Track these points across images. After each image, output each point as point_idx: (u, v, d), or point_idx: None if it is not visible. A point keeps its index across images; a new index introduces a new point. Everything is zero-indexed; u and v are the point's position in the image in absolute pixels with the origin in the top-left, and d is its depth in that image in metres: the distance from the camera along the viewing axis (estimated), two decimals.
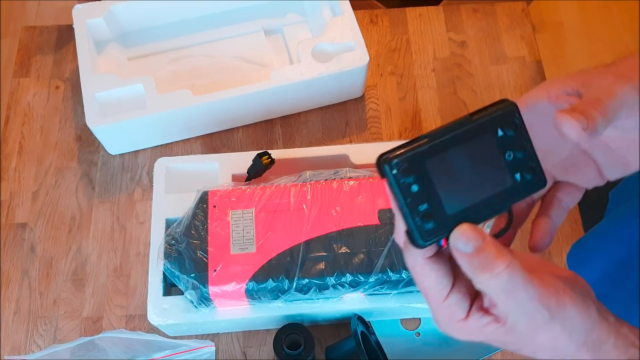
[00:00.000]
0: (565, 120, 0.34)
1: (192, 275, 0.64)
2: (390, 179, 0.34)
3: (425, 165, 0.34)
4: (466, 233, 0.34)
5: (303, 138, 0.89)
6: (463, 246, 0.34)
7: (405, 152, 0.34)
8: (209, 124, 0.87)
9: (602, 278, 0.76)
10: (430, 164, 0.34)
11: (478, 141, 0.35)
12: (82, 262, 0.80)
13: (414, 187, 0.34)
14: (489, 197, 0.35)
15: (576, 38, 1.92)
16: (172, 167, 0.77)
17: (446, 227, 0.35)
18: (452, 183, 0.35)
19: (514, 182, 0.36)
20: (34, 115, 0.91)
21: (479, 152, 0.35)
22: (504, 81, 0.93)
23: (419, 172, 0.34)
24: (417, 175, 0.34)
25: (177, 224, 0.68)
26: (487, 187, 0.35)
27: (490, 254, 0.33)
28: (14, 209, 0.84)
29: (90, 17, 0.87)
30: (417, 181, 0.34)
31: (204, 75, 0.90)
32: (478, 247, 0.34)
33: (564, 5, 1.94)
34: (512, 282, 0.33)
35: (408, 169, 0.34)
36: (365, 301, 0.68)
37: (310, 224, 0.66)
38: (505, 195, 0.36)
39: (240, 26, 0.93)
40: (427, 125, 0.89)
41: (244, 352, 0.75)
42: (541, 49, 0.96)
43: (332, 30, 0.86)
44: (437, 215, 0.34)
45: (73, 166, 0.87)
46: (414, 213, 0.34)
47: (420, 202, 0.34)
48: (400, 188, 0.34)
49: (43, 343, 0.76)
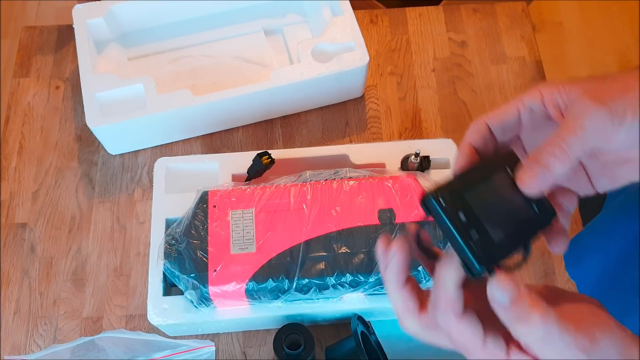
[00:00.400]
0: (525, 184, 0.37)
1: (192, 275, 0.64)
2: (440, 212, 0.36)
3: (465, 197, 0.36)
4: (503, 283, 0.34)
5: (303, 138, 0.89)
6: (500, 297, 0.35)
7: (445, 187, 0.36)
8: (209, 124, 0.87)
9: (601, 275, 0.76)
10: (469, 196, 0.37)
11: (499, 178, 0.38)
12: (82, 262, 0.80)
13: (463, 217, 0.36)
14: (518, 226, 0.38)
15: (576, 38, 1.92)
16: (172, 167, 0.77)
17: (497, 254, 0.36)
18: (490, 213, 0.37)
19: (534, 213, 0.38)
20: (34, 115, 0.91)
21: (503, 191, 0.38)
22: (504, 81, 0.93)
23: (463, 203, 0.36)
24: (462, 207, 0.36)
25: (177, 224, 0.68)
26: (516, 216, 0.38)
27: (525, 305, 0.34)
28: (14, 209, 0.84)
29: (90, 17, 0.87)
30: (464, 212, 0.36)
31: (204, 76, 0.90)
32: (514, 298, 0.34)
33: (564, 5, 1.94)
34: (548, 332, 0.34)
35: (453, 202, 0.36)
36: (365, 301, 0.68)
37: (310, 224, 0.67)
38: (529, 224, 0.38)
39: (240, 26, 0.93)
40: (427, 125, 0.89)
41: (244, 352, 0.75)
42: (541, 49, 0.96)
43: (332, 30, 0.86)
44: (487, 243, 0.36)
45: (73, 166, 0.87)
46: (467, 241, 0.35)
47: (470, 231, 0.36)
48: (450, 219, 0.36)
49: (43, 343, 0.76)
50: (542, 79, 0.93)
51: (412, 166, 0.75)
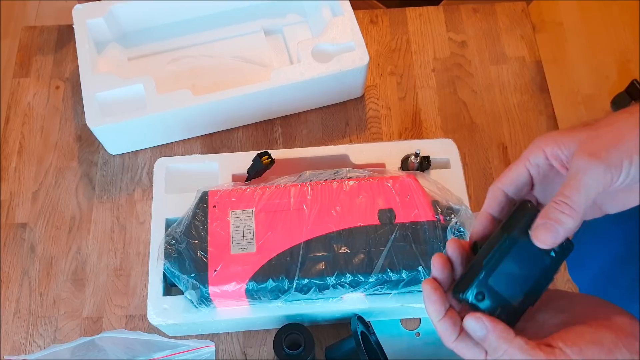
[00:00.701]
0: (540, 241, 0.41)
1: (192, 275, 0.64)
2: (471, 304, 0.43)
3: (490, 284, 0.43)
4: (470, 325, 0.42)
5: (303, 138, 0.89)
6: (474, 334, 0.42)
7: (472, 280, 0.43)
8: (209, 124, 0.87)
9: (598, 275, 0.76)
10: (492, 281, 0.43)
11: (518, 248, 0.43)
12: (82, 262, 0.80)
13: (488, 303, 0.42)
14: (537, 281, 0.43)
15: (576, 38, 1.92)
16: (172, 167, 0.77)
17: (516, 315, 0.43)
18: (511, 285, 0.43)
19: (551, 258, 0.43)
20: (34, 115, 0.91)
21: (522, 255, 0.43)
22: (504, 81, 0.93)
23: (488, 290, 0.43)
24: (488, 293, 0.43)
25: (177, 224, 0.68)
26: (536, 272, 0.43)
27: (492, 341, 0.41)
28: (14, 209, 0.84)
29: (90, 17, 0.87)
30: (490, 297, 0.43)
31: (204, 76, 0.90)
32: (483, 336, 0.41)
33: (564, 5, 1.94)
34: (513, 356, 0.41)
35: (480, 293, 0.43)
36: (365, 301, 0.68)
37: (310, 224, 0.66)
38: (547, 270, 0.43)
39: (240, 26, 0.93)
40: (427, 125, 0.89)
41: (244, 352, 0.75)
42: (541, 49, 0.96)
43: (332, 31, 0.86)
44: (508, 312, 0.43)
45: (73, 166, 0.87)
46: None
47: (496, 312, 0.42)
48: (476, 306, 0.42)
49: (43, 343, 0.76)
50: (542, 79, 0.93)
51: (412, 166, 0.75)
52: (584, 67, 1.88)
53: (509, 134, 0.89)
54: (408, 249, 0.65)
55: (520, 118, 0.90)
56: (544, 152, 0.44)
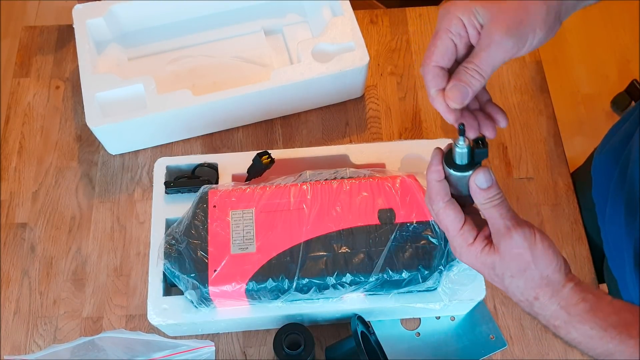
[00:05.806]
0: (452, 100, 0.49)
1: (192, 275, 0.64)
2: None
3: None
4: (485, 173, 0.50)
5: (303, 138, 0.89)
6: (481, 182, 0.50)
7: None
8: (209, 124, 0.87)
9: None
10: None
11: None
12: (82, 262, 0.80)
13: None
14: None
15: (576, 38, 1.92)
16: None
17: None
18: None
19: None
20: (34, 115, 0.91)
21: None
22: (504, 81, 0.93)
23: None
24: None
25: (177, 224, 0.68)
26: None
27: (495, 190, 0.50)
28: (14, 209, 0.84)
29: (90, 17, 0.87)
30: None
31: (204, 76, 0.90)
32: (489, 185, 0.50)
33: None
34: (500, 212, 0.50)
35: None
36: (365, 301, 0.68)
37: (310, 223, 0.66)
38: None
39: (240, 26, 0.93)
40: (427, 126, 0.89)
41: (244, 352, 0.75)
42: (541, 49, 0.95)
43: (332, 31, 0.86)
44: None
45: (73, 166, 0.87)
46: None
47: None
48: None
49: (43, 343, 0.76)
50: (542, 79, 0.93)
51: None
52: (584, 67, 1.88)
53: (509, 134, 0.89)
54: (408, 249, 0.65)
55: (520, 118, 0.90)
56: (461, 21, 0.48)
